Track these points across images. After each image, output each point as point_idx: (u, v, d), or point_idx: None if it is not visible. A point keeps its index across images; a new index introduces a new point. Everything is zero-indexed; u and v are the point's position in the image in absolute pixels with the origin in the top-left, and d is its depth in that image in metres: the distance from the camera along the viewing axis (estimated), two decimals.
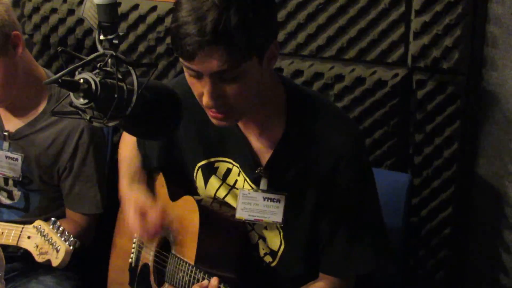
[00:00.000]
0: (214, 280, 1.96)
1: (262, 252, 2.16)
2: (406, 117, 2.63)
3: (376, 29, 2.59)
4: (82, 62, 1.43)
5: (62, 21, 3.06)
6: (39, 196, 2.66)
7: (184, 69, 1.85)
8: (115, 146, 2.61)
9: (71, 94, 1.43)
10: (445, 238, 2.68)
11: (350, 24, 2.62)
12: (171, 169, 2.31)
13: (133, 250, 2.40)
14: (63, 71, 1.37)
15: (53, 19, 3.07)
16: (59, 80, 1.36)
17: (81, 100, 1.42)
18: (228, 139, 2.11)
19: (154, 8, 2.89)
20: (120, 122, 1.50)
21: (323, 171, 2.00)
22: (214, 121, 1.94)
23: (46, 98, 2.52)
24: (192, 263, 2.07)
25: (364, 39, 2.61)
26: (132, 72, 1.47)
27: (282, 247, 2.11)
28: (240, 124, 2.06)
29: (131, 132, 1.74)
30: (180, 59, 1.81)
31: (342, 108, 2.64)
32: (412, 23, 2.54)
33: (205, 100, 1.84)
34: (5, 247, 2.39)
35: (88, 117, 1.47)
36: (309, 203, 2.04)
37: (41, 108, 2.53)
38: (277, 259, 2.14)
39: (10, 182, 2.64)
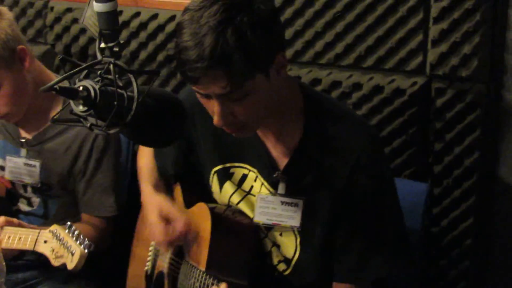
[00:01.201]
0: (223, 286, 1.97)
1: (275, 260, 2.16)
2: (425, 126, 2.61)
3: (394, 37, 2.58)
4: (78, 69, 1.44)
5: (83, 31, 3.09)
6: (57, 203, 2.68)
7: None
8: (135, 152, 2.64)
9: (71, 101, 1.45)
10: (467, 249, 2.65)
11: (368, 32, 2.61)
12: (187, 174, 2.33)
13: (149, 258, 2.42)
14: (58, 78, 1.39)
15: (75, 29, 3.11)
16: (57, 88, 1.38)
17: (81, 108, 1.43)
18: (245, 145, 2.12)
19: (155, 16, 2.93)
20: (121, 129, 1.51)
21: (340, 177, 2.00)
22: (232, 133, 1.97)
23: (60, 104, 2.54)
24: (203, 269, 2.08)
25: (382, 47, 2.60)
26: (132, 79, 1.48)
27: (297, 254, 2.11)
28: (258, 131, 2.07)
29: (134, 140, 1.76)
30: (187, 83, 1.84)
31: (363, 117, 2.62)
32: (430, 30, 2.53)
33: (216, 121, 1.88)
34: (22, 254, 2.42)
35: (88, 125, 1.49)
36: (326, 208, 2.04)
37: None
38: (291, 267, 2.13)
39: (29, 189, 2.66)
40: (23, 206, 2.69)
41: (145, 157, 2.45)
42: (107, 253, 2.67)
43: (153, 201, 2.28)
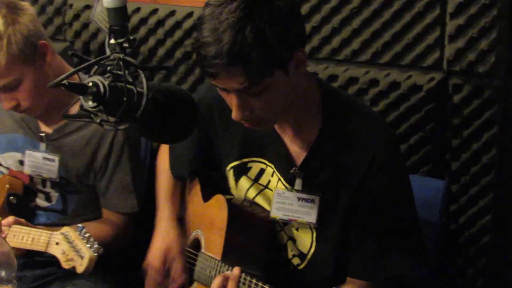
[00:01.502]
0: (236, 270, 1.98)
1: (290, 254, 2.16)
2: (442, 122, 2.59)
3: (411, 33, 2.57)
4: (85, 64, 1.45)
5: None
6: (76, 198, 2.69)
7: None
8: (155, 151, 2.66)
9: (81, 97, 1.46)
10: (484, 246, 2.63)
11: (385, 28, 2.60)
12: (205, 169, 2.35)
13: None
14: (66, 74, 1.40)
15: (93, 26, 3.11)
16: (66, 83, 1.39)
17: (90, 103, 1.44)
18: (263, 140, 2.14)
19: (172, 13, 2.93)
20: (131, 125, 1.52)
21: (356, 174, 2.01)
22: (250, 127, 1.98)
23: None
24: (219, 258, 2.09)
25: (399, 43, 2.59)
26: (142, 75, 1.49)
27: (313, 248, 2.12)
28: (276, 126, 2.08)
29: (145, 135, 1.76)
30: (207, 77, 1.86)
31: (379, 114, 2.62)
32: (447, 26, 2.51)
33: (234, 115, 1.89)
34: (39, 252, 2.44)
35: (98, 120, 1.49)
36: (342, 204, 2.05)
37: (75, 109, 2.57)
38: (306, 261, 2.14)
39: (48, 183, 2.67)
40: (41, 201, 2.70)
41: (165, 159, 2.47)
42: (124, 249, 2.69)
43: (165, 233, 2.36)
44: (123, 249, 2.72)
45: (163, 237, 2.33)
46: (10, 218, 2.39)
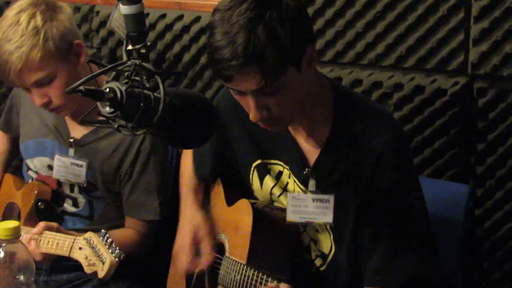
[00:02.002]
0: (283, 286, 1.97)
1: (313, 255, 2.17)
2: (467, 126, 2.58)
3: (435, 36, 2.56)
4: (102, 70, 1.46)
5: None
6: (103, 204, 2.71)
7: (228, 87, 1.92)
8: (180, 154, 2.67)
9: (98, 103, 1.47)
10: (511, 250, 2.61)
11: (409, 32, 2.59)
12: (227, 172, 2.35)
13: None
14: (82, 80, 1.40)
15: None
16: (82, 89, 1.40)
17: (108, 109, 1.45)
18: (277, 141, 2.15)
19: (197, 19, 2.94)
20: (149, 130, 1.52)
21: (365, 171, 2.01)
22: (266, 128, 1.99)
23: None
24: (244, 262, 2.09)
25: (423, 47, 2.58)
26: (159, 81, 1.49)
27: (333, 250, 2.12)
28: (289, 126, 2.09)
29: (163, 141, 1.77)
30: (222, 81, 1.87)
31: (401, 118, 2.63)
32: (471, 30, 2.50)
33: (252, 116, 1.91)
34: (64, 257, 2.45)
35: (116, 125, 1.50)
36: (354, 204, 2.05)
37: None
38: (326, 263, 2.14)
39: (76, 189, 2.69)
40: (68, 207, 2.72)
41: (188, 162, 2.48)
42: (148, 255, 2.70)
43: (192, 216, 2.34)
44: (150, 256, 2.73)
45: (190, 220, 2.32)
46: (41, 225, 2.39)
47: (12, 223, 1.69)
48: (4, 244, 1.69)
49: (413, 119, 2.63)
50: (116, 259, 2.17)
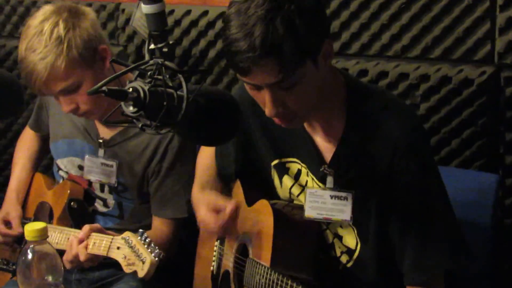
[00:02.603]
0: None
1: (338, 252, 2.14)
2: (495, 116, 2.55)
3: (460, 26, 2.53)
4: (125, 69, 1.45)
5: None
6: (132, 204, 2.71)
7: (243, 82, 1.89)
8: None
9: (122, 103, 1.46)
10: None
11: (434, 23, 2.57)
12: (248, 171, 2.33)
13: (214, 258, 2.42)
14: (105, 80, 1.40)
15: None
16: (105, 90, 1.39)
17: (131, 109, 1.44)
18: (294, 139, 2.12)
19: (205, 13, 2.94)
20: (173, 129, 1.51)
21: (383, 165, 1.97)
22: (281, 124, 1.96)
23: None
24: (268, 265, 2.07)
25: (449, 37, 2.56)
26: (182, 79, 1.48)
27: (359, 246, 2.09)
28: (305, 123, 2.07)
29: (187, 139, 1.76)
30: (238, 75, 1.84)
31: (428, 109, 2.61)
32: (498, 18, 2.47)
33: (268, 111, 1.88)
34: None
35: (140, 125, 1.49)
36: (375, 199, 2.01)
37: None
38: (353, 259, 2.11)
39: (106, 189, 2.70)
40: (99, 206, 2.73)
41: (204, 157, 2.47)
42: (176, 255, 2.69)
43: (200, 198, 2.31)
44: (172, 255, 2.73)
45: (203, 203, 2.29)
46: (87, 228, 2.36)
47: (39, 225, 1.69)
48: (32, 245, 1.69)
49: (440, 110, 2.60)
50: (156, 259, 2.15)
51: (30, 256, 1.69)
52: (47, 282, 1.69)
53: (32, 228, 1.68)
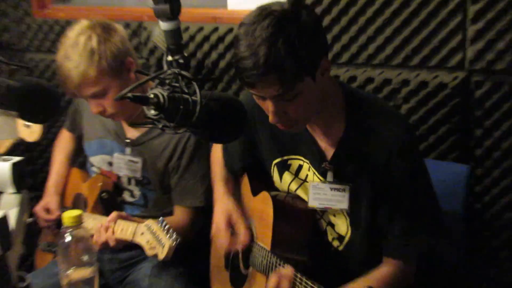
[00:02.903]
0: (289, 269, 1.94)
1: (330, 237, 2.15)
2: (466, 115, 2.54)
3: (436, 38, 2.52)
4: (147, 78, 1.46)
5: None
6: (155, 195, 2.72)
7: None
8: None
9: (144, 107, 1.47)
10: (507, 221, 2.57)
11: (413, 35, 2.56)
12: (253, 166, 2.33)
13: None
14: (130, 87, 1.41)
15: None
16: (130, 96, 1.40)
17: (152, 112, 1.45)
18: (298, 139, 2.12)
19: (231, 30, 2.93)
20: (188, 129, 1.52)
21: (378, 163, 1.97)
22: (284, 129, 1.97)
23: None
24: (269, 249, 2.08)
25: (426, 47, 2.55)
26: (195, 86, 1.48)
27: (349, 232, 2.09)
28: (307, 126, 2.07)
29: (201, 137, 1.77)
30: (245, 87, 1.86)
31: (409, 109, 2.61)
32: (468, 31, 2.47)
33: (271, 118, 1.89)
34: None
35: (160, 126, 1.50)
36: (368, 192, 2.02)
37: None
38: (344, 243, 2.12)
39: (133, 182, 2.71)
40: (127, 197, 2.74)
41: (218, 152, 2.47)
42: (195, 239, 2.70)
43: (224, 204, 2.31)
44: (195, 240, 2.74)
45: (223, 207, 2.30)
46: (114, 215, 2.38)
47: (75, 212, 1.70)
48: (70, 230, 1.70)
49: (419, 110, 2.60)
50: (174, 243, 2.17)
51: (67, 239, 1.70)
52: (83, 261, 1.70)
53: (69, 215, 1.69)
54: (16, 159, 1.19)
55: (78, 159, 3.06)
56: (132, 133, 2.68)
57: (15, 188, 1.17)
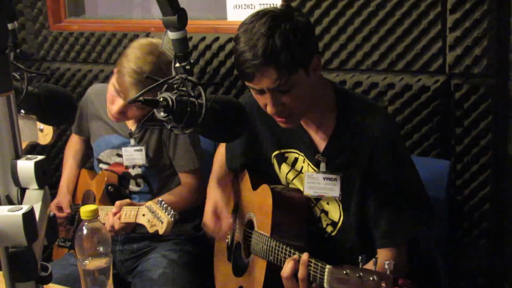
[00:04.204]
0: (305, 255, 1.90)
1: (324, 224, 2.16)
2: (447, 115, 2.55)
3: (418, 45, 2.53)
4: (157, 83, 1.46)
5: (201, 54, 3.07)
6: (157, 180, 2.74)
7: (250, 88, 1.92)
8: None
9: (154, 109, 1.47)
10: (485, 212, 2.58)
11: (397, 42, 2.57)
12: (253, 162, 2.34)
13: (228, 233, 2.43)
14: (142, 91, 1.41)
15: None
16: (142, 99, 1.41)
17: (162, 114, 1.45)
18: (293, 134, 2.14)
19: (230, 40, 2.92)
20: (195, 129, 1.52)
21: (365, 156, 2.00)
22: (282, 125, 1.99)
23: None
24: (268, 235, 2.09)
25: (409, 53, 2.56)
26: (201, 90, 1.49)
27: (342, 218, 2.10)
28: (302, 122, 2.09)
29: (206, 136, 1.77)
30: (245, 81, 1.86)
31: (394, 110, 2.61)
32: (447, 38, 2.47)
33: (269, 109, 1.91)
34: (137, 228, 2.51)
35: (169, 127, 1.50)
36: (358, 181, 2.03)
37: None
38: (337, 229, 2.13)
39: (137, 171, 2.73)
40: (133, 187, 2.75)
41: (221, 152, 2.49)
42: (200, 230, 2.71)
43: (213, 196, 2.37)
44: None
45: (211, 199, 2.36)
46: (117, 204, 2.47)
47: (92, 207, 1.71)
48: (87, 223, 1.71)
49: (404, 111, 2.60)
50: (172, 219, 2.26)
51: (85, 231, 1.70)
52: (98, 252, 1.70)
53: (86, 209, 1.70)
54: (39, 157, 1.19)
55: (88, 160, 3.05)
56: (133, 125, 2.72)
57: (38, 184, 1.17)
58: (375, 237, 2.06)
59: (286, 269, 1.91)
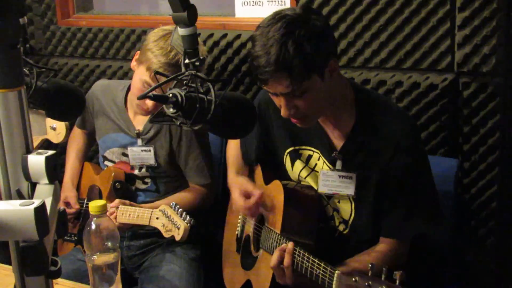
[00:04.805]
0: (290, 244, 1.96)
1: (337, 222, 2.16)
2: (454, 113, 2.55)
3: (427, 43, 2.53)
4: (167, 80, 1.46)
5: (221, 53, 3.03)
6: (164, 180, 2.73)
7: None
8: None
9: (164, 105, 1.47)
10: (492, 211, 2.58)
11: (406, 40, 2.57)
12: (266, 157, 2.35)
13: (238, 225, 2.44)
14: (151, 88, 1.41)
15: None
16: (151, 95, 1.41)
17: (171, 110, 1.45)
18: (309, 131, 2.14)
19: (238, 36, 2.93)
20: (204, 125, 1.52)
21: (385, 156, 2.00)
22: (297, 125, 1.99)
23: None
24: (279, 232, 2.09)
25: (418, 51, 2.56)
26: (210, 86, 1.49)
27: (353, 216, 2.10)
28: (319, 120, 2.09)
29: (215, 133, 1.77)
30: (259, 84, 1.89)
31: (402, 108, 2.58)
32: (456, 36, 2.47)
33: (283, 112, 1.93)
34: (141, 226, 2.49)
35: (178, 123, 1.50)
36: (374, 180, 2.03)
37: None
38: (348, 227, 2.13)
39: (144, 169, 2.72)
40: (139, 185, 2.75)
41: (231, 148, 2.49)
42: (208, 223, 2.71)
43: (235, 182, 2.33)
44: (208, 226, 2.75)
45: (236, 185, 2.32)
46: (116, 201, 2.46)
47: (100, 202, 1.71)
48: (95, 218, 1.71)
49: (411, 109, 2.60)
50: (188, 225, 2.22)
51: (93, 226, 1.71)
52: (107, 247, 1.71)
53: (95, 205, 1.70)
54: (50, 153, 1.19)
55: (89, 152, 3.06)
56: (139, 124, 2.70)
57: (49, 179, 1.17)
58: (383, 227, 2.07)
59: (273, 259, 1.96)
